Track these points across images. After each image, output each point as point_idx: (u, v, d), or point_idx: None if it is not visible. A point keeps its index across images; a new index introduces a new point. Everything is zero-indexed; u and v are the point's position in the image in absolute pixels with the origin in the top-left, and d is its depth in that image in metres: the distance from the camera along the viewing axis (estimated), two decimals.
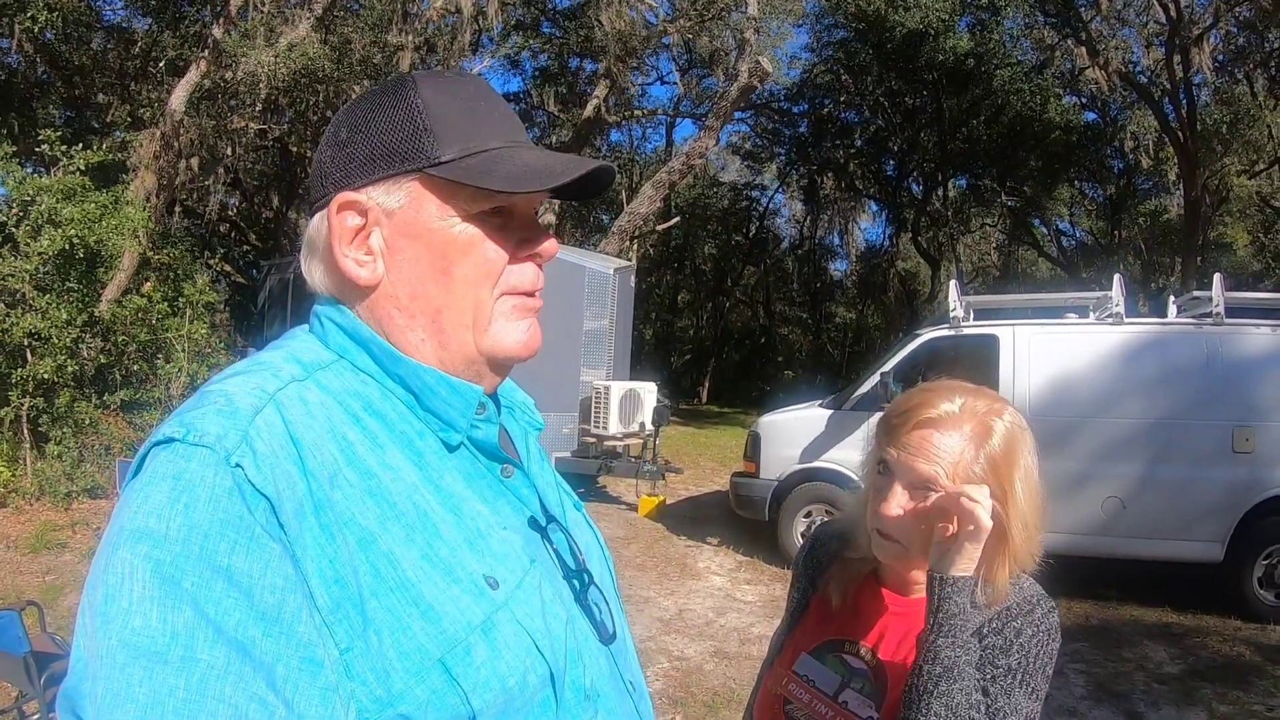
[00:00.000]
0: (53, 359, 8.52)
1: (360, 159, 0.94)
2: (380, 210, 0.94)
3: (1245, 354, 7.12)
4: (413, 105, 0.94)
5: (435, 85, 0.97)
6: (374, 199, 0.94)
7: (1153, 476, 7.13)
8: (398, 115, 0.94)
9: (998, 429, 1.34)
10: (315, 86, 14.29)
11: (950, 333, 8.01)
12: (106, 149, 10.61)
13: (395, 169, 0.93)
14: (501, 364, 1.01)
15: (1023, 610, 1.36)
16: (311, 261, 1.00)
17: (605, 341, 11.40)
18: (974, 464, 1.33)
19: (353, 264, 0.94)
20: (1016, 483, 1.33)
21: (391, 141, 0.93)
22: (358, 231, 0.94)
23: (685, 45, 20.84)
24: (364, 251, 0.95)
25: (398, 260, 0.95)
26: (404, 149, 0.93)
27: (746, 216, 35.36)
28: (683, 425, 20.50)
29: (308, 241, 1.00)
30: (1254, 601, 6.96)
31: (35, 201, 8.65)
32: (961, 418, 1.35)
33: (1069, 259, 29.42)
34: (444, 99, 0.95)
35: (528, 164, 0.95)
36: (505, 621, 0.86)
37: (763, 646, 6.01)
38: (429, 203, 0.94)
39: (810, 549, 1.66)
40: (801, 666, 1.48)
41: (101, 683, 0.69)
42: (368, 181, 0.94)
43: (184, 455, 0.77)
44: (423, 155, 0.93)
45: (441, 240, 0.94)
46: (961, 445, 1.33)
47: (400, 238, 0.94)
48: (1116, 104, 23.62)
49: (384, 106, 0.95)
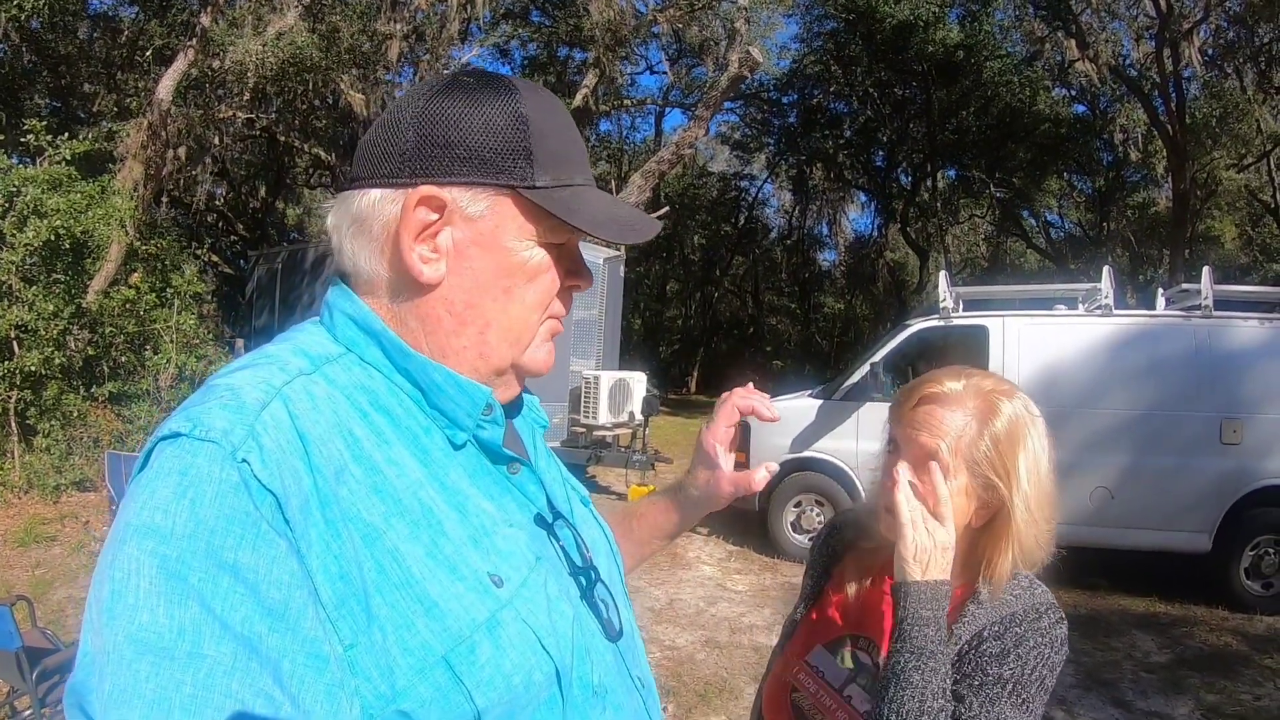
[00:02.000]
0: (40, 351, 8.47)
1: (452, 155, 0.92)
2: (460, 213, 0.93)
3: (1233, 346, 7.17)
4: (516, 115, 0.93)
5: (537, 100, 0.95)
6: (456, 199, 0.92)
7: (1141, 467, 7.17)
8: (500, 122, 0.92)
9: (1004, 409, 1.34)
10: (303, 75, 14.21)
11: (940, 323, 8.04)
12: (93, 139, 10.54)
13: (488, 178, 0.92)
14: (524, 376, 1.04)
15: (1028, 617, 1.33)
16: (356, 239, 0.95)
17: (594, 331, 11.40)
18: (978, 440, 1.32)
19: (419, 260, 0.92)
20: (1021, 465, 1.31)
21: (490, 149, 0.92)
22: (427, 226, 0.92)
23: (675, 35, 20.82)
24: (430, 248, 0.93)
25: (462, 266, 0.94)
26: (502, 160, 0.92)
27: (735, 206, 35.42)
28: (672, 415, 20.53)
29: (356, 218, 0.95)
30: (1241, 592, 7.01)
31: (21, 192, 8.57)
32: (965, 395, 1.35)
33: (1057, 250, 29.52)
34: (543, 118, 0.95)
35: (611, 213, 0.98)
36: (510, 619, 0.86)
37: (753, 635, 6.03)
38: (510, 221, 0.93)
39: (826, 536, 1.65)
40: (814, 657, 1.48)
41: (109, 679, 0.69)
42: (453, 180, 0.92)
43: (190, 450, 0.76)
44: (520, 174, 0.92)
45: (513, 261, 0.94)
46: (964, 421, 1.33)
47: (472, 245, 0.93)
48: (1106, 97, 23.69)
49: (484, 107, 0.93)
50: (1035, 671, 1.28)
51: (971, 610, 1.35)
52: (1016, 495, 1.31)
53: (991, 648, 1.30)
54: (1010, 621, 1.33)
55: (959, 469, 1.33)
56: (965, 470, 1.33)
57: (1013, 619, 1.33)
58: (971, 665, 1.30)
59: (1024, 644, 1.30)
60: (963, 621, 1.34)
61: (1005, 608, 1.35)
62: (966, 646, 1.32)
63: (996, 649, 1.30)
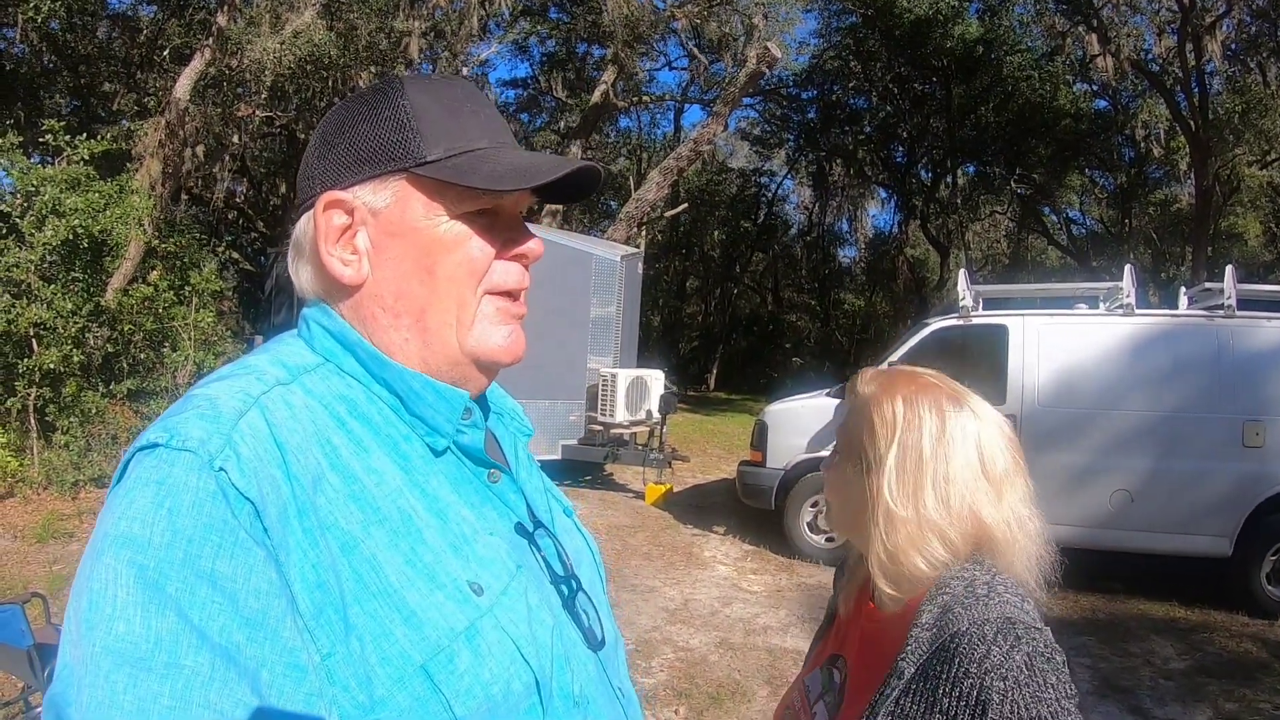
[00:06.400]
0: (59, 349, 8.53)
1: (347, 159, 0.95)
2: (366, 209, 0.94)
3: (1256, 347, 7.07)
4: (399, 106, 0.94)
5: (422, 87, 0.97)
6: (360, 198, 0.94)
7: (1161, 470, 7.09)
8: (384, 116, 0.94)
9: (891, 399, 1.31)
10: (321, 73, 14.30)
11: (959, 322, 7.97)
12: (112, 138, 10.60)
13: (381, 168, 0.93)
14: (486, 366, 1.01)
15: (963, 647, 1.12)
16: (298, 263, 1.00)
17: (612, 329, 11.38)
18: (859, 424, 1.34)
19: (338, 263, 0.94)
20: (889, 453, 1.27)
21: (378, 141, 0.94)
22: (344, 230, 0.94)
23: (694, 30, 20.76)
24: (349, 251, 0.95)
25: (383, 259, 0.95)
26: (390, 149, 0.93)
27: (755, 203, 35.34)
28: (690, 412, 20.51)
29: (294, 243, 0.99)
30: (1262, 597, 6.92)
31: (39, 192, 8.65)
32: (867, 387, 1.37)
33: (1079, 248, 29.32)
34: (430, 100, 0.96)
35: (512, 164, 0.95)
36: (489, 628, 0.86)
37: (767, 637, 6.02)
38: (415, 201, 0.94)
39: (842, 560, 1.64)
40: (810, 677, 1.48)
41: (86, 690, 0.68)
42: (354, 181, 0.94)
43: (168, 460, 0.76)
44: (409, 155, 0.93)
45: (427, 239, 0.94)
46: (854, 408, 1.37)
47: (386, 237, 0.94)
48: (1127, 92, 23.51)
49: (371, 108, 0.96)
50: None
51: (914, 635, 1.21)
52: (878, 480, 1.28)
53: (918, 698, 1.15)
54: (945, 653, 1.14)
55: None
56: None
57: (947, 649, 1.14)
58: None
59: (964, 684, 1.09)
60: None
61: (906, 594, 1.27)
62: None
63: (919, 702, 1.14)
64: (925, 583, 1.23)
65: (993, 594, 1.18)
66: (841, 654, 1.42)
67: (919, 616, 1.20)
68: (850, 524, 1.36)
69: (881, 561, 1.26)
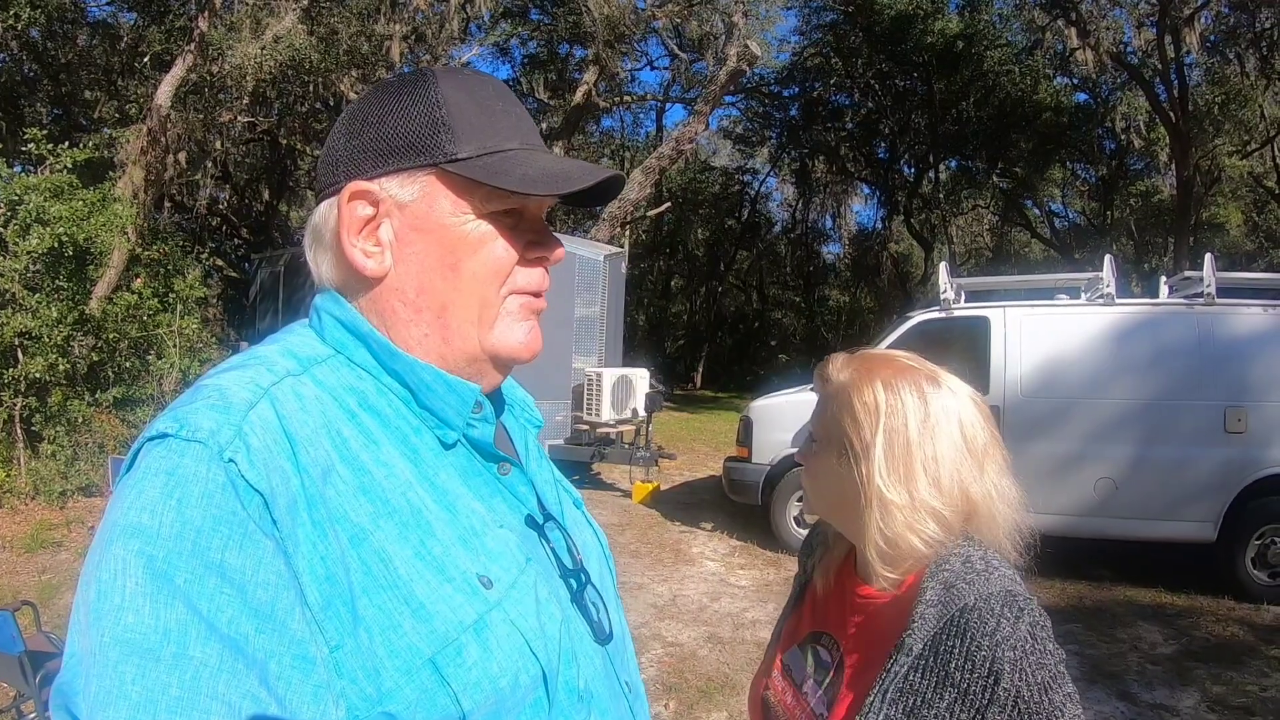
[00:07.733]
0: (44, 358, 8.48)
1: (375, 149, 0.94)
2: (393, 202, 0.93)
3: (1237, 334, 7.12)
4: (432, 100, 0.94)
5: (455, 82, 0.96)
6: (387, 190, 0.93)
7: (1145, 457, 7.13)
8: (416, 108, 0.93)
9: (870, 384, 1.32)
10: (303, 78, 14.26)
11: (941, 315, 8.00)
12: (94, 145, 10.55)
13: (411, 162, 0.93)
14: (503, 363, 1.01)
15: (973, 621, 1.17)
16: (317, 251, 0.99)
17: (597, 328, 11.42)
18: (839, 412, 1.34)
19: (360, 254, 0.94)
20: (876, 440, 1.28)
21: (408, 134, 0.93)
22: (367, 222, 0.94)
23: (674, 29, 20.78)
24: (373, 243, 0.94)
25: (407, 253, 0.94)
26: (421, 142, 0.93)
27: (738, 201, 35.37)
28: (676, 411, 20.53)
29: (313, 230, 0.98)
30: (1247, 582, 6.96)
31: (23, 200, 8.59)
32: (841, 374, 1.38)
33: (1062, 240, 29.46)
34: (463, 96, 0.95)
35: (544, 168, 0.95)
36: (498, 621, 0.86)
37: (756, 631, 6.03)
38: (443, 198, 0.93)
39: (809, 534, 1.64)
40: (788, 656, 1.48)
41: (94, 680, 0.68)
42: (381, 172, 0.93)
43: (177, 450, 0.76)
44: (440, 150, 0.92)
45: (453, 236, 0.94)
46: (830, 396, 1.38)
47: (411, 231, 0.94)
48: (1108, 85, 23.62)
49: (402, 99, 0.95)
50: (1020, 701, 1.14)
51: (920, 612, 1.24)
52: (868, 467, 1.29)
53: (929, 674, 1.18)
54: (950, 630, 1.18)
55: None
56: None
57: (952, 626, 1.19)
58: (911, 707, 1.19)
59: (976, 659, 1.15)
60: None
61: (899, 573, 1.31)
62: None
63: (932, 676, 1.18)
64: (923, 561, 1.26)
65: (990, 569, 1.24)
66: (826, 631, 1.43)
67: (922, 594, 1.22)
68: (831, 509, 1.39)
69: (880, 547, 1.27)
